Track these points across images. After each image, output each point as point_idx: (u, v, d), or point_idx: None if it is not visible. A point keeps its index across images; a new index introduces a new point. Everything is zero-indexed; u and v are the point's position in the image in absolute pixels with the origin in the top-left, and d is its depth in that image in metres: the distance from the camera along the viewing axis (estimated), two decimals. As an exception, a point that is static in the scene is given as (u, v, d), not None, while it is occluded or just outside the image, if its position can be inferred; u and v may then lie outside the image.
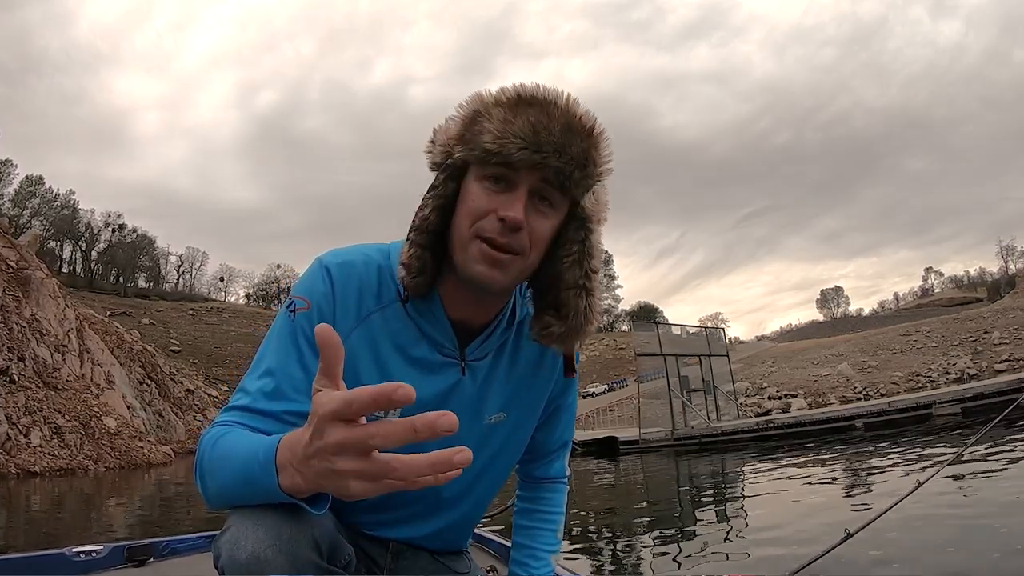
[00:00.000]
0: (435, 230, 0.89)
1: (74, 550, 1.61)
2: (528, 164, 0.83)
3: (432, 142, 0.90)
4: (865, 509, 5.26)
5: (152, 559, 1.71)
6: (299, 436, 0.62)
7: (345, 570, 0.85)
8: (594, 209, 0.91)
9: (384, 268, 0.95)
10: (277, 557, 0.71)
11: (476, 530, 1.52)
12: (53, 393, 20.33)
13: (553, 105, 0.84)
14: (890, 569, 3.45)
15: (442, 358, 0.96)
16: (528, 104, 0.84)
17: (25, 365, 20.17)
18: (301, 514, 0.73)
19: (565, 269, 0.91)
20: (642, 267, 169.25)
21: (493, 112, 0.85)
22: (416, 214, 0.90)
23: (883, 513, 2.13)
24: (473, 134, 0.85)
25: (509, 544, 1.23)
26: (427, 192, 0.90)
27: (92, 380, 23.59)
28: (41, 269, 25.53)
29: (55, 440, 18.54)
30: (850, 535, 1.91)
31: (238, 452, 0.74)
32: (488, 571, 1.54)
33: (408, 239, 0.90)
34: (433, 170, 0.90)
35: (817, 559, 1.92)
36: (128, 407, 24.87)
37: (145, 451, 21.38)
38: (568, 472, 1.24)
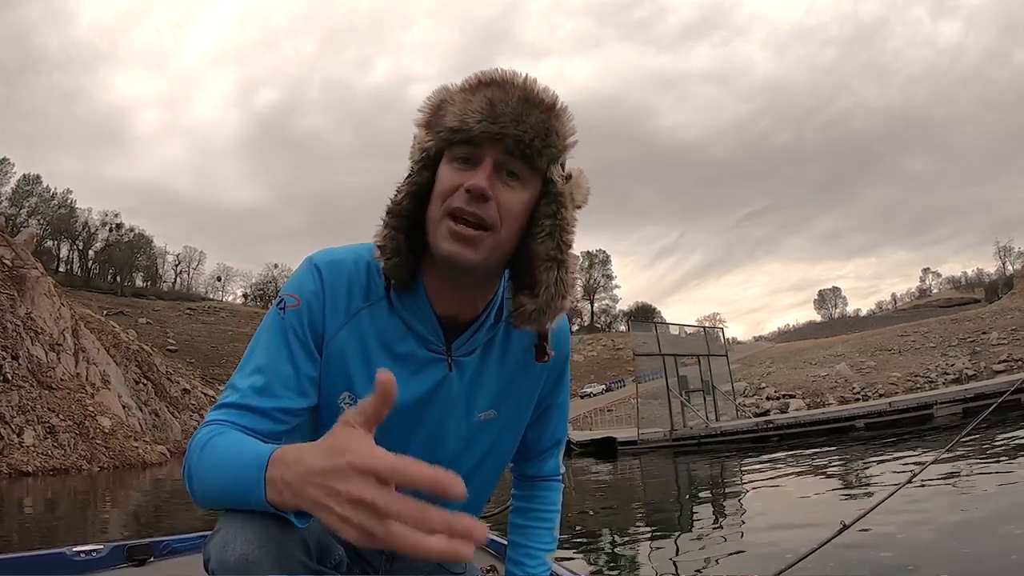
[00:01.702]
0: (409, 215, 0.91)
1: (74, 549, 1.62)
2: (488, 136, 0.85)
3: (413, 146, 0.93)
4: (872, 514, 5.21)
5: (152, 559, 1.72)
6: (299, 456, 0.64)
7: (336, 570, 0.86)
8: (567, 187, 0.91)
9: (373, 266, 0.95)
10: (265, 558, 0.71)
11: None
12: (47, 392, 20.21)
13: (510, 83, 0.87)
14: (888, 562, 3.44)
15: (429, 354, 0.96)
16: (487, 84, 0.87)
17: (19, 364, 20.04)
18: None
19: (538, 244, 0.90)
20: (641, 267, 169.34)
21: (456, 97, 0.88)
22: (390, 199, 0.92)
23: (879, 504, 2.14)
24: (438, 118, 0.88)
25: (508, 543, 1.23)
26: (401, 182, 0.93)
27: (87, 379, 23.47)
28: (37, 268, 25.42)
29: (48, 440, 18.42)
30: (846, 527, 1.91)
31: (227, 458, 0.75)
32: (488, 571, 1.52)
33: (383, 222, 0.91)
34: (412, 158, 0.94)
35: (814, 551, 1.91)
36: (124, 407, 24.77)
37: (140, 451, 21.28)
38: (562, 470, 1.24)
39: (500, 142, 0.85)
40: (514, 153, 0.86)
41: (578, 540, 5.34)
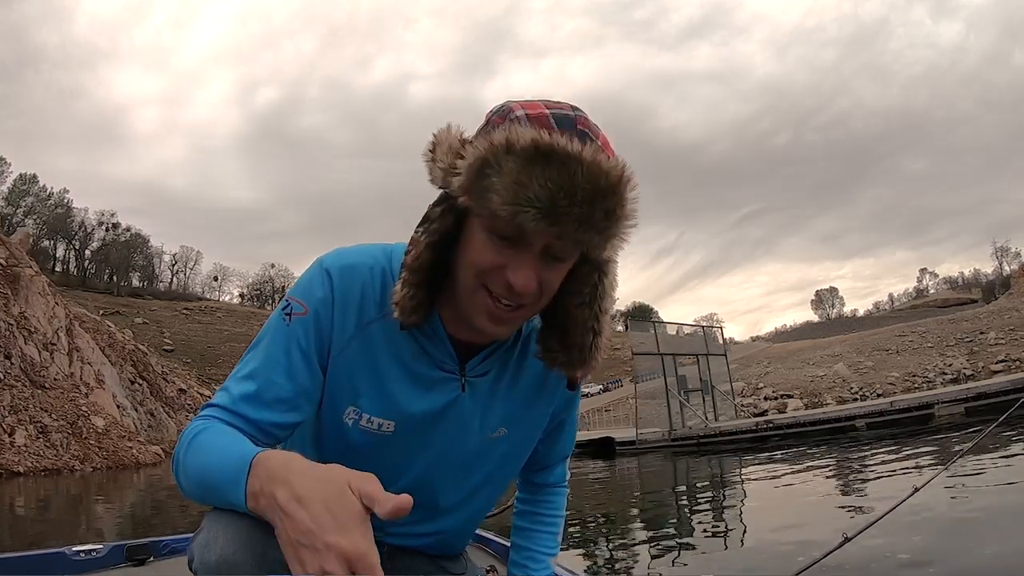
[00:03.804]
0: (430, 266, 0.83)
1: (74, 549, 1.61)
2: (543, 233, 0.75)
3: (432, 154, 0.81)
4: (865, 512, 5.18)
5: (152, 558, 1.72)
6: (287, 479, 0.61)
7: None
8: (611, 254, 0.83)
9: (388, 274, 0.89)
10: (247, 559, 0.70)
11: (476, 530, 1.48)
12: (40, 392, 20.06)
13: (575, 161, 0.71)
14: (890, 567, 3.40)
15: (442, 373, 0.93)
16: (546, 159, 0.71)
17: (11, 363, 19.90)
18: None
19: (575, 308, 0.88)
20: (640, 267, 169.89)
21: (504, 165, 0.72)
22: (408, 251, 0.83)
23: (881, 518, 2.06)
24: (480, 189, 0.74)
25: (509, 544, 1.23)
26: (420, 224, 0.84)
27: (81, 379, 23.34)
28: (31, 267, 25.27)
29: (40, 440, 18.27)
30: (848, 539, 1.84)
31: (213, 454, 0.74)
32: (488, 571, 1.51)
33: (401, 278, 0.84)
34: (433, 181, 0.82)
35: (813, 564, 1.85)
36: (118, 407, 24.63)
37: (134, 451, 21.16)
38: (568, 476, 1.23)
39: (556, 235, 0.75)
40: (568, 242, 0.76)
41: (577, 541, 5.29)
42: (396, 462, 0.94)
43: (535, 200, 0.71)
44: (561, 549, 1.20)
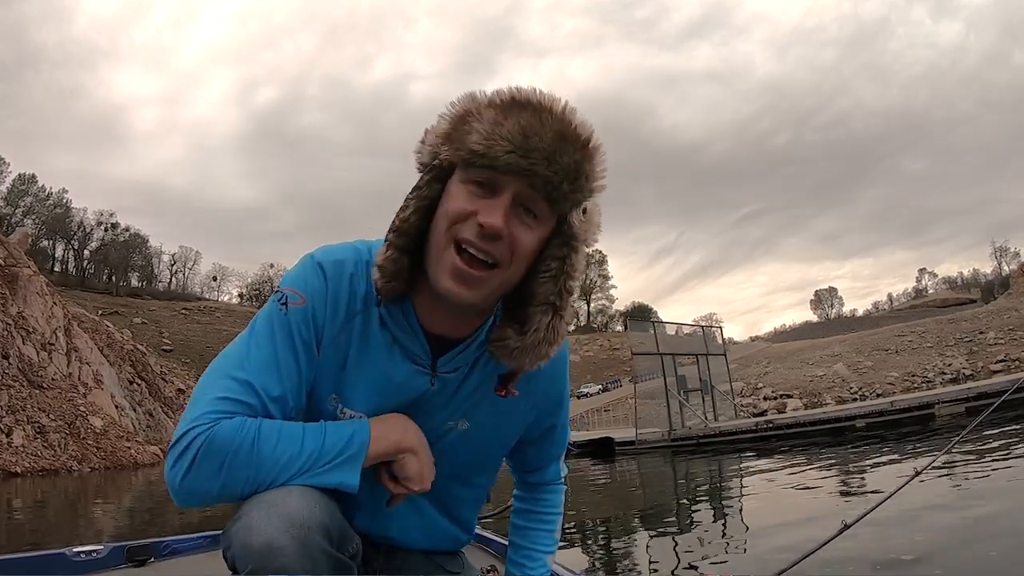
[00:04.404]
0: (415, 233, 0.86)
1: (74, 550, 1.61)
2: (515, 169, 0.80)
3: (422, 142, 0.88)
4: (875, 514, 5.13)
5: (153, 559, 1.71)
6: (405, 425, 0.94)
7: (352, 560, 0.86)
8: (582, 227, 0.87)
9: (370, 267, 0.92)
10: (291, 544, 0.72)
11: (477, 530, 1.49)
12: (38, 392, 20.04)
13: (547, 110, 0.81)
14: (891, 564, 3.38)
15: (413, 367, 0.95)
16: (521, 107, 0.81)
17: (9, 363, 19.86)
18: (314, 502, 0.78)
19: (540, 284, 0.88)
20: (640, 267, 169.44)
21: (484, 113, 0.81)
22: (397, 215, 0.88)
23: (880, 504, 2.07)
24: (461, 134, 0.82)
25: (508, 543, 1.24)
26: (410, 192, 0.88)
27: (79, 379, 23.31)
28: (29, 266, 25.23)
29: (38, 440, 18.24)
30: (847, 526, 1.87)
31: (299, 433, 0.83)
32: (488, 571, 1.48)
33: (386, 240, 0.87)
34: (420, 171, 0.88)
35: (814, 551, 1.88)
36: (116, 407, 24.58)
37: (132, 451, 21.14)
38: (564, 472, 1.23)
39: (526, 178, 0.80)
40: (538, 192, 0.82)
41: (576, 541, 5.28)
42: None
43: (508, 135, 0.79)
44: (560, 548, 1.20)
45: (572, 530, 5.78)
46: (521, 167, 0.79)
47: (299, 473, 0.81)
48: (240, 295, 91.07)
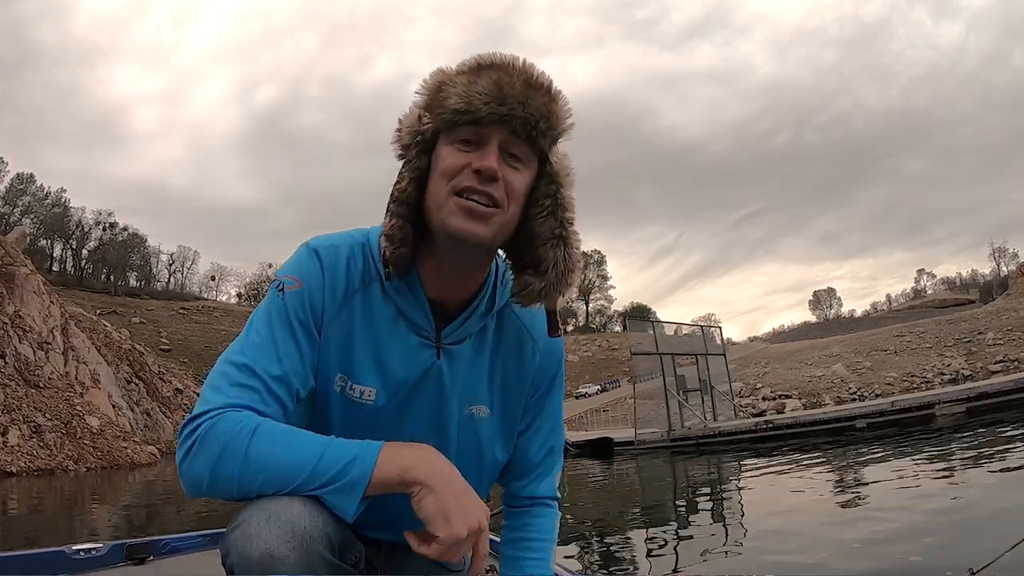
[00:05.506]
0: (413, 202, 0.91)
1: (74, 548, 1.61)
2: (495, 118, 0.86)
3: (398, 131, 0.93)
4: (876, 513, 5.11)
5: (152, 557, 1.71)
6: (431, 458, 0.83)
7: (355, 568, 0.85)
8: (561, 165, 0.94)
9: (367, 249, 0.96)
10: (291, 554, 0.71)
11: None
12: (34, 391, 19.95)
13: (512, 66, 0.89)
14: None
15: (418, 339, 0.96)
16: (488, 67, 0.89)
17: (5, 362, 19.78)
18: (315, 510, 0.76)
19: (539, 223, 0.93)
20: (639, 267, 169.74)
21: (456, 79, 0.89)
22: (393, 187, 0.92)
23: (1013, 548, 1.72)
24: (440, 100, 0.89)
25: None
26: (402, 167, 0.92)
27: (76, 378, 23.22)
28: (26, 265, 25.15)
29: (34, 439, 18.15)
30: (973, 574, 1.57)
31: (300, 440, 0.80)
32: (488, 571, 1.43)
33: (388, 210, 0.91)
34: (401, 157, 0.93)
35: None
36: (114, 406, 24.51)
37: (129, 451, 21.05)
38: (558, 495, 1.15)
39: (506, 124, 0.87)
40: (519, 135, 0.88)
41: (575, 542, 5.25)
42: (380, 436, 0.91)
43: (484, 90, 0.86)
44: (560, 548, 1.14)
45: (572, 530, 5.75)
46: (501, 113, 0.86)
47: (288, 489, 0.77)
48: (239, 295, 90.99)
